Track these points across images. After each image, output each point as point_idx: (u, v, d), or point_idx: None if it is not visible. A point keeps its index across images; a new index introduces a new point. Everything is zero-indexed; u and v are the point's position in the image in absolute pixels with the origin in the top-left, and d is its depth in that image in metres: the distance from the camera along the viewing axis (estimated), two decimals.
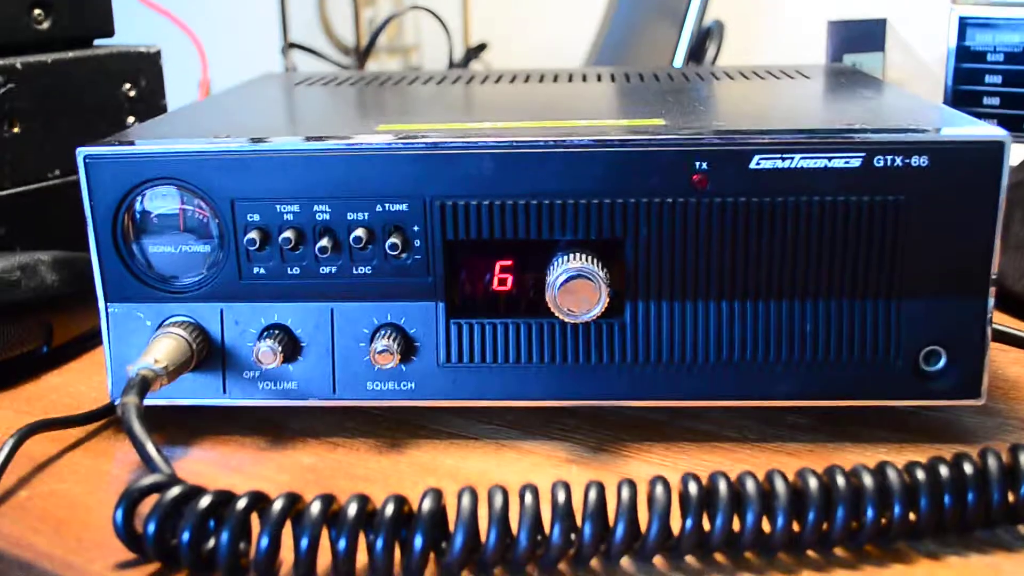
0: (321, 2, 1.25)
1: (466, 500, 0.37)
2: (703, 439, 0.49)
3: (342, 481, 0.46)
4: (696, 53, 1.02)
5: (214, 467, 0.48)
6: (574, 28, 1.21)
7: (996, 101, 0.78)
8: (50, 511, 0.44)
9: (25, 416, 0.53)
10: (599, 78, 0.71)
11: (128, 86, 0.75)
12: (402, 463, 0.48)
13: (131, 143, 0.48)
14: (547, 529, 0.38)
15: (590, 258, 0.46)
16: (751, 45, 1.13)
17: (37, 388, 0.58)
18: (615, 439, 0.49)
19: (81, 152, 0.48)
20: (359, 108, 0.61)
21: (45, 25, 0.71)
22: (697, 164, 0.46)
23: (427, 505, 0.37)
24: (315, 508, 0.37)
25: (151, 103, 0.76)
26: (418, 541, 0.37)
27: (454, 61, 1.14)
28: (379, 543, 0.37)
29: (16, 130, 0.67)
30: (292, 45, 1.11)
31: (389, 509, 0.37)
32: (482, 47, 1.15)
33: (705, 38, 1.02)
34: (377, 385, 0.49)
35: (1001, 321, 0.62)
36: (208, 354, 0.49)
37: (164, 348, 0.47)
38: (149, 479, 0.39)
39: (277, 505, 0.37)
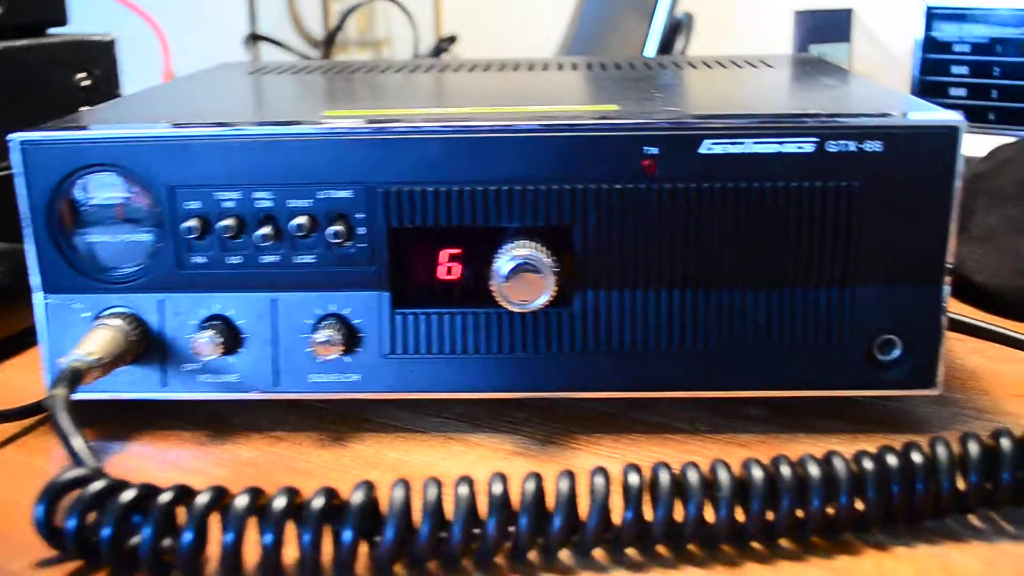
0: None
1: (398, 492, 0.36)
2: (654, 431, 0.48)
3: (282, 475, 0.45)
4: (667, 45, 1.01)
5: (151, 462, 0.46)
6: (546, 20, 1.20)
7: (963, 92, 0.77)
8: None
9: None
10: (560, 67, 0.70)
11: (82, 75, 0.73)
12: (345, 457, 0.46)
13: (68, 128, 0.47)
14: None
15: (538, 246, 0.45)
16: (721, 37, 1.12)
17: None
18: (564, 431, 0.48)
19: (16, 137, 0.47)
20: (311, 95, 0.60)
21: None
22: (646, 149, 0.45)
23: (357, 497, 0.36)
24: (241, 501, 0.36)
25: (106, 92, 0.75)
26: (347, 534, 0.36)
27: (422, 53, 1.13)
28: (307, 536, 0.35)
29: None
30: (256, 36, 1.10)
31: (318, 501, 0.36)
32: (452, 39, 1.14)
33: (675, 30, 1.01)
34: (321, 377, 0.48)
35: (963, 311, 0.61)
36: (147, 346, 0.48)
37: (99, 340, 0.46)
38: (71, 473, 0.38)
39: (201, 499, 0.36)
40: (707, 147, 0.45)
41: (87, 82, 0.73)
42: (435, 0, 1.27)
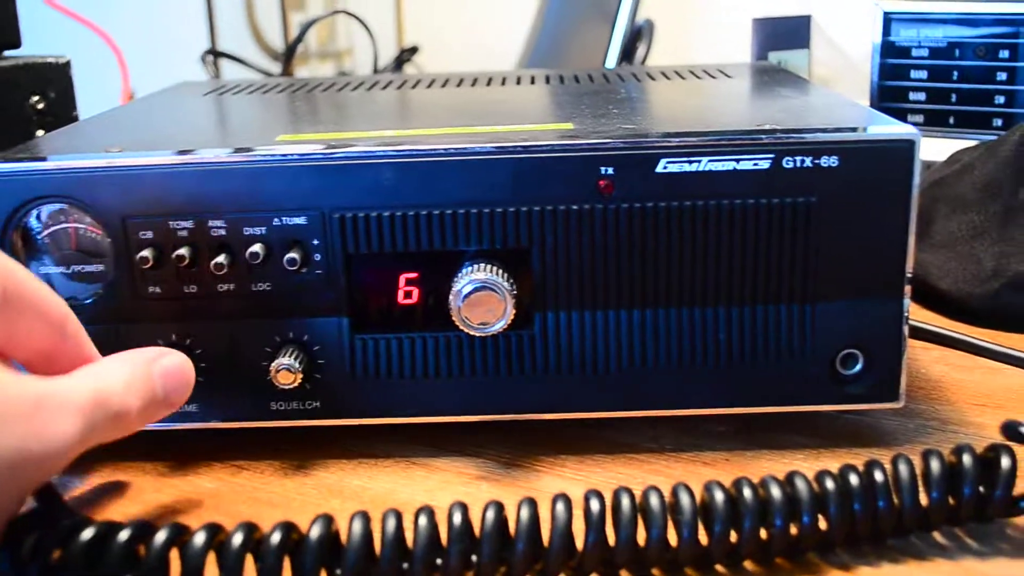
0: (249, 7, 1.23)
1: (356, 525, 0.36)
2: (618, 450, 0.48)
3: (244, 506, 0.45)
4: (628, 53, 1.01)
5: (111, 496, 0.46)
6: (507, 29, 1.20)
7: (922, 96, 0.78)
8: None
9: None
10: (519, 81, 0.70)
11: (36, 98, 0.72)
12: (307, 485, 0.46)
13: (17, 160, 0.46)
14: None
15: (495, 269, 0.45)
16: (682, 44, 1.12)
17: None
18: (527, 454, 0.48)
19: None
20: (268, 118, 0.59)
21: None
22: (602, 169, 0.45)
23: (316, 531, 0.36)
24: (199, 539, 0.35)
25: (61, 115, 0.74)
26: (307, 568, 0.35)
27: (382, 65, 1.13)
28: (266, 571, 0.35)
29: None
30: (214, 52, 1.09)
31: (275, 537, 0.35)
32: (414, 50, 1.14)
33: (636, 37, 1.01)
34: (281, 405, 0.48)
35: (927, 319, 0.61)
36: None
37: None
38: (30, 510, 0.37)
39: (159, 537, 0.35)
40: (663, 166, 0.45)
41: (42, 105, 0.73)
42: (396, 11, 1.27)
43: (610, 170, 0.45)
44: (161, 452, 0.49)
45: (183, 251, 0.46)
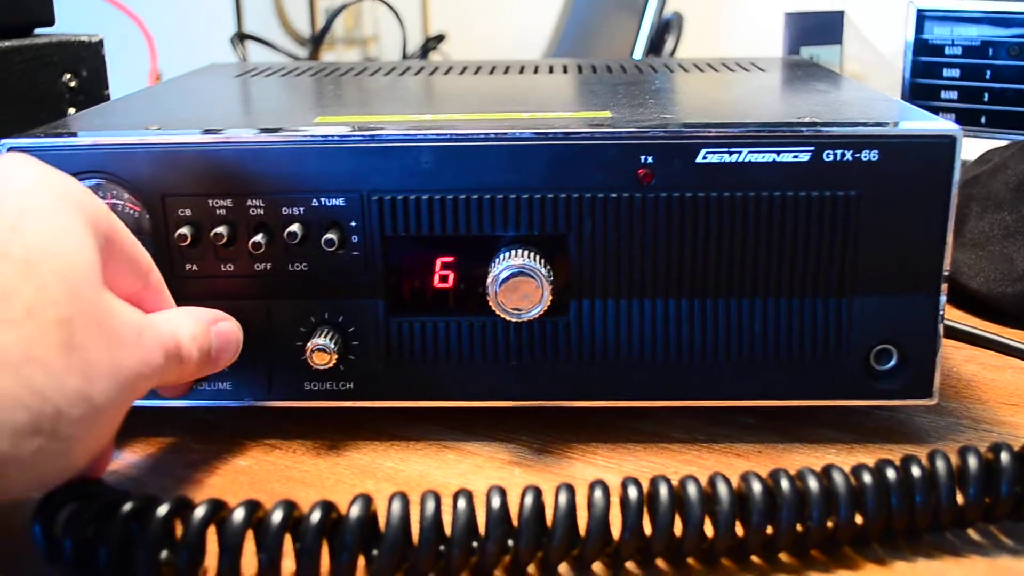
0: None
1: (396, 506, 0.36)
2: (650, 440, 0.48)
3: (277, 484, 0.45)
4: (656, 45, 1.01)
5: (145, 471, 0.46)
6: (534, 18, 1.19)
7: (954, 95, 0.77)
8: None
9: None
10: (551, 70, 0.70)
11: (68, 76, 0.72)
12: (340, 465, 0.46)
13: (58, 135, 0.47)
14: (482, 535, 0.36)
15: (532, 255, 0.45)
16: (711, 37, 1.12)
17: None
18: (560, 440, 0.48)
19: (5, 144, 0.46)
20: (301, 100, 0.59)
21: None
22: (642, 158, 0.45)
23: (355, 511, 0.36)
24: (238, 515, 0.35)
25: (92, 93, 0.74)
26: (345, 549, 0.35)
27: (410, 52, 1.13)
28: (304, 551, 0.35)
29: None
30: (243, 36, 1.09)
31: (315, 516, 0.35)
32: (440, 38, 1.13)
33: (665, 30, 1.01)
34: (315, 386, 0.48)
35: (958, 318, 0.61)
36: None
37: None
38: (66, 490, 0.37)
39: (198, 513, 0.36)
40: (703, 156, 0.45)
41: (74, 83, 0.73)
42: None
43: (650, 159, 0.45)
44: (194, 429, 0.49)
45: (221, 229, 0.46)
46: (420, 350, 0.47)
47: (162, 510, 0.36)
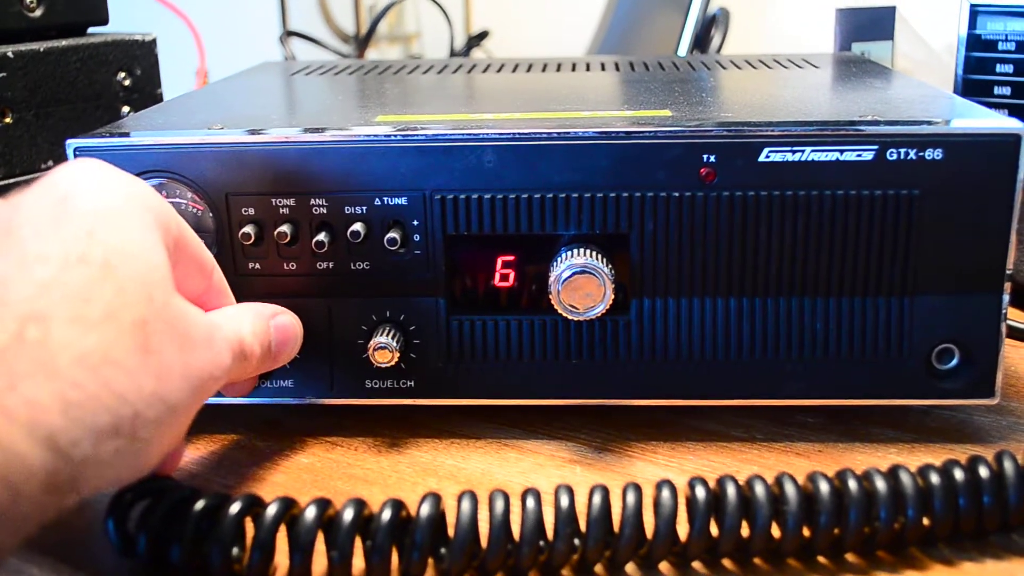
0: None
1: (466, 505, 0.36)
2: (710, 439, 0.48)
3: (340, 482, 0.45)
4: (701, 41, 1.01)
5: (208, 468, 0.47)
6: (576, 15, 1.19)
7: (1007, 91, 0.77)
8: None
9: None
10: (603, 67, 0.70)
11: (122, 75, 0.73)
12: (402, 463, 0.46)
13: (123, 134, 0.47)
14: (550, 534, 0.36)
15: (595, 253, 0.45)
16: (756, 33, 1.11)
17: None
18: (620, 438, 0.48)
19: (71, 144, 0.47)
20: (358, 99, 0.60)
21: (37, 13, 0.69)
22: (705, 157, 0.45)
23: (425, 510, 0.36)
24: (310, 514, 0.36)
25: (146, 92, 0.75)
26: (416, 548, 0.36)
27: (455, 49, 1.13)
28: (376, 550, 0.35)
29: (8, 120, 0.65)
30: (291, 33, 1.10)
31: (386, 515, 0.36)
32: (484, 35, 1.13)
33: (710, 26, 1.01)
34: (376, 384, 0.48)
35: (1017, 318, 0.60)
36: None
37: None
38: (138, 485, 0.38)
39: (271, 511, 0.36)
40: (766, 155, 0.45)
41: (128, 81, 0.73)
42: None
43: (713, 158, 0.45)
44: (254, 425, 0.50)
45: (284, 228, 0.46)
46: (481, 348, 0.47)
47: (234, 508, 0.36)
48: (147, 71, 0.75)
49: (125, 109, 0.73)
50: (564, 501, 0.37)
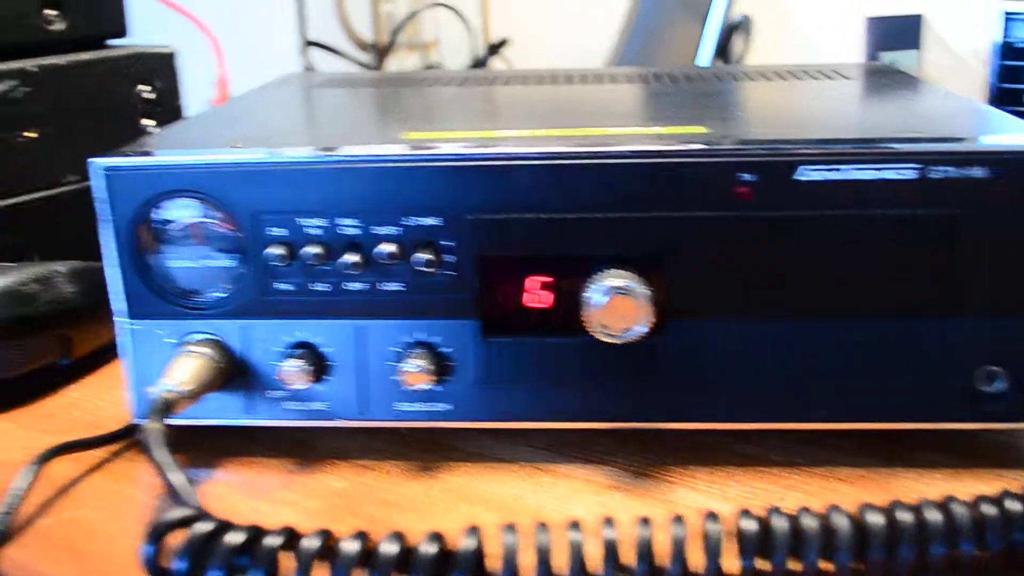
0: None
1: (508, 540, 0.35)
2: (749, 463, 0.47)
3: (373, 508, 0.44)
4: (722, 50, 1.00)
5: (238, 491, 0.46)
6: (596, 23, 1.18)
7: None
8: (71, 540, 0.42)
9: (45, 434, 0.51)
10: (628, 79, 0.69)
11: (143, 88, 0.73)
12: (434, 488, 0.46)
13: (149, 153, 0.46)
14: (592, 567, 0.35)
15: (632, 274, 0.44)
16: (779, 41, 1.10)
17: (56, 403, 0.56)
18: (657, 463, 0.47)
19: (99, 163, 0.46)
20: (382, 113, 0.59)
21: (57, 26, 0.69)
22: (740, 176, 0.44)
23: (466, 545, 0.35)
24: (349, 548, 0.35)
25: (167, 105, 0.74)
26: None
27: (471, 58, 1.12)
28: None
29: (31, 135, 0.65)
30: (311, 43, 1.09)
31: (428, 550, 0.35)
32: (502, 44, 1.13)
33: (731, 34, 1.00)
34: (408, 406, 0.47)
35: None
36: (231, 373, 0.47)
37: (187, 368, 0.45)
38: (177, 513, 0.37)
39: (308, 545, 0.35)
40: (803, 173, 0.44)
41: (149, 95, 0.73)
42: (483, 4, 1.26)
43: (749, 177, 0.44)
44: (283, 448, 0.49)
45: (313, 248, 0.45)
46: (514, 371, 0.47)
47: (272, 541, 0.35)
48: (167, 83, 0.75)
49: (146, 122, 0.73)
50: (610, 534, 0.36)
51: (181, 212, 0.46)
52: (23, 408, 0.55)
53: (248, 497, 0.45)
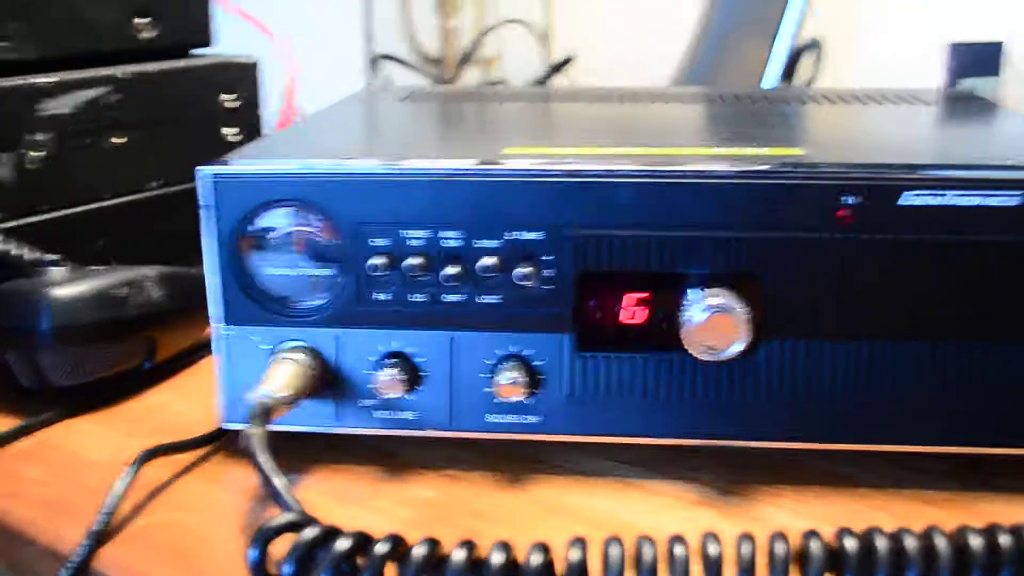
0: (405, 11, 1.24)
1: (614, 552, 0.35)
2: (836, 483, 0.47)
3: (465, 518, 0.45)
4: (789, 72, 1.00)
5: (330, 498, 0.46)
6: (661, 41, 1.19)
7: None
8: (170, 543, 0.43)
9: (133, 437, 0.52)
10: (705, 99, 0.69)
11: (226, 96, 0.74)
12: (524, 500, 0.46)
13: (255, 162, 0.47)
14: None
15: (730, 293, 0.44)
16: (846, 66, 1.10)
17: (140, 407, 0.57)
18: (744, 480, 0.47)
19: (207, 171, 0.47)
20: (476, 128, 0.60)
21: (147, 34, 0.70)
22: (843, 198, 0.44)
23: (574, 556, 0.35)
24: (457, 557, 0.35)
25: (248, 114, 0.75)
26: None
27: (535, 74, 1.13)
28: None
29: (119, 140, 0.66)
30: (383, 56, 1.10)
31: (536, 560, 0.35)
32: (567, 61, 1.13)
33: (799, 56, 1.00)
34: (498, 418, 0.48)
35: None
36: (324, 381, 0.48)
37: (285, 375, 0.46)
38: (284, 518, 0.38)
39: (417, 553, 0.36)
40: (907, 198, 0.44)
41: (232, 103, 0.74)
42: (548, 20, 1.27)
43: (852, 199, 0.44)
44: (368, 456, 0.49)
45: (414, 260, 0.46)
46: (607, 386, 0.47)
47: (380, 549, 0.36)
48: (249, 93, 0.76)
49: (226, 131, 0.74)
50: (713, 550, 0.36)
51: (284, 220, 0.47)
52: (107, 410, 0.56)
53: (340, 504, 0.46)
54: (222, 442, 0.51)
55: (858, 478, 0.47)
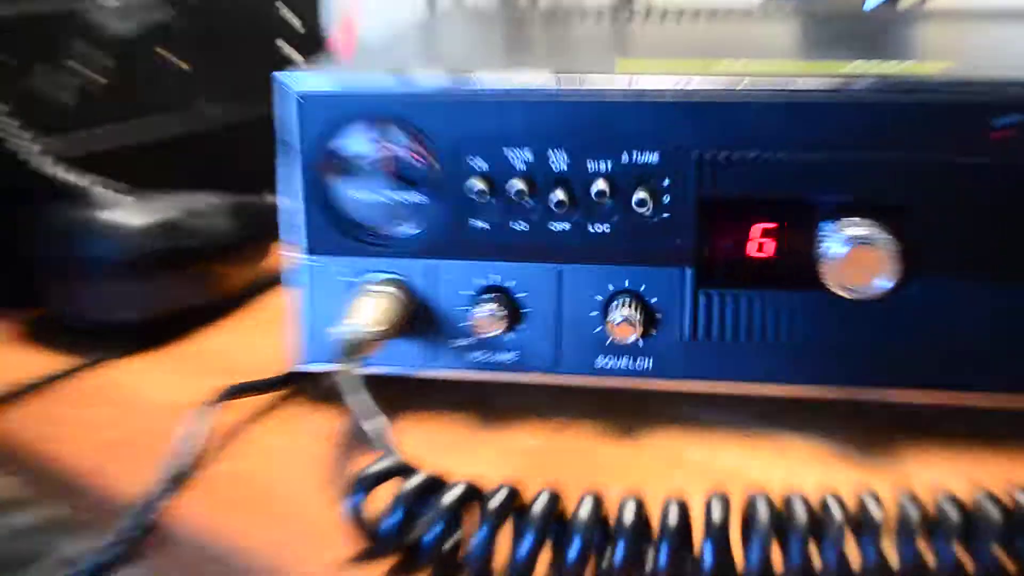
0: None
1: (762, 508, 0.31)
2: (985, 443, 0.41)
3: (576, 470, 0.40)
4: None
5: (424, 447, 0.41)
6: None
7: None
8: (245, 494, 0.39)
9: (196, 377, 0.47)
10: (811, 16, 0.63)
11: (289, 16, 0.70)
12: (643, 453, 0.41)
13: (343, 76, 0.43)
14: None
15: (875, 224, 0.39)
16: None
17: (203, 346, 0.53)
18: (883, 437, 0.42)
19: (289, 84, 0.42)
20: (580, 43, 0.54)
21: None
22: (997, 120, 0.39)
23: (716, 514, 0.31)
24: (584, 512, 0.31)
25: (311, 37, 0.71)
26: (662, 556, 0.31)
27: None
28: (619, 552, 0.30)
29: (183, 65, 0.62)
30: None
31: (672, 517, 0.31)
32: None
33: None
34: (609, 361, 0.43)
35: None
36: (414, 317, 0.44)
37: (374, 308, 0.42)
38: (384, 463, 0.33)
39: (538, 508, 0.31)
40: None
41: (294, 24, 0.70)
42: None
43: (1011, 119, 0.39)
44: (462, 402, 0.45)
45: (518, 184, 0.41)
46: (732, 326, 0.42)
47: (497, 501, 0.32)
48: (311, 15, 0.72)
49: (289, 50, 0.70)
50: (876, 513, 0.31)
51: (374, 141, 0.42)
52: (165, 348, 0.52)
53: (435, 453, 0.41)
54: (298, 386, 0.47)
55: (1014, 436, 0.42)
